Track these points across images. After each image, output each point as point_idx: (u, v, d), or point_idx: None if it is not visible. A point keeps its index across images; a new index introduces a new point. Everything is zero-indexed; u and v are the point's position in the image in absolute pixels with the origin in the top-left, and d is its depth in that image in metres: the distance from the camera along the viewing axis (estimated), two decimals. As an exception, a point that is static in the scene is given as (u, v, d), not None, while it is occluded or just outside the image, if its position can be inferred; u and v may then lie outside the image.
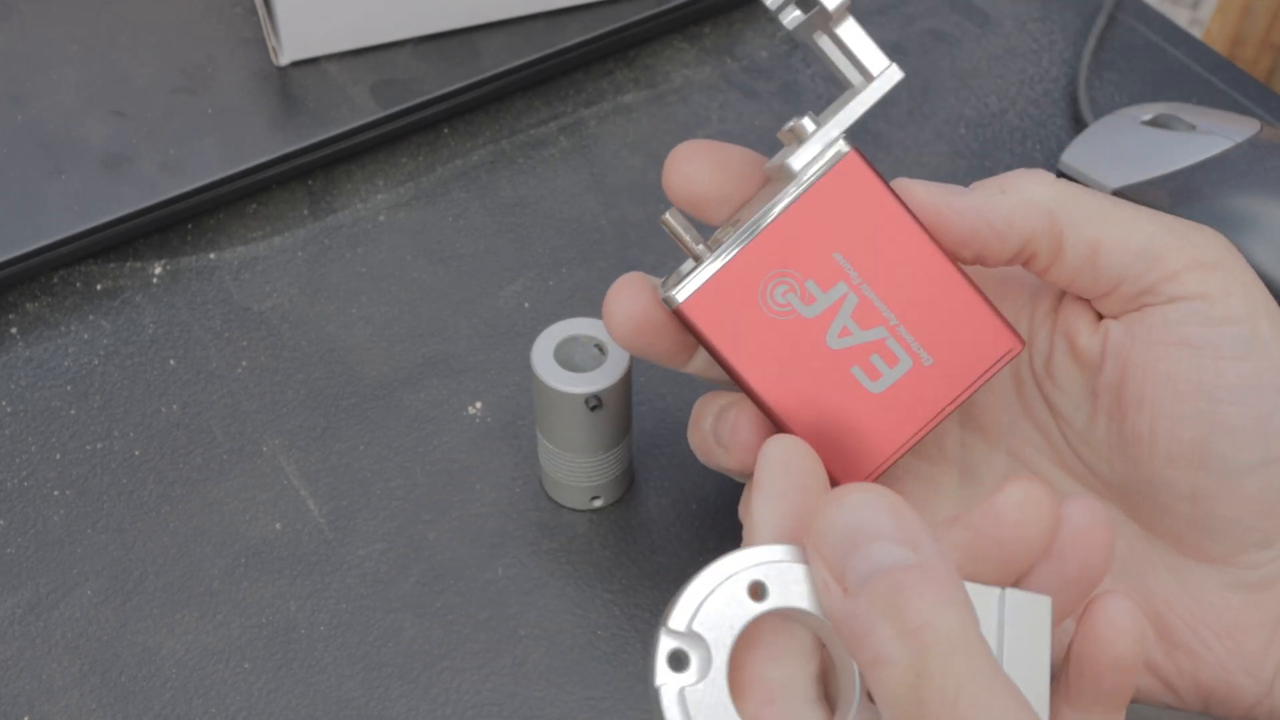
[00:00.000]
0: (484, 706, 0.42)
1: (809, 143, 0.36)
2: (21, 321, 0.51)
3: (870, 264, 0.36)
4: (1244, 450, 0.35)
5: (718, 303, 0.36)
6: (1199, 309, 0.36)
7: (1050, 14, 0.61)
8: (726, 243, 0.36)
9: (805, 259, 0.36)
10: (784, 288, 0.36)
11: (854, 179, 0.36)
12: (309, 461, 0.48)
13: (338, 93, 0.56)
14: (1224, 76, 0.58)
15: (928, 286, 0.37)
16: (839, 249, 0.36)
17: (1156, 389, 0.36)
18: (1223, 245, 0.37)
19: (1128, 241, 0.36)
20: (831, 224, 0.36)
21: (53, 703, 0.43)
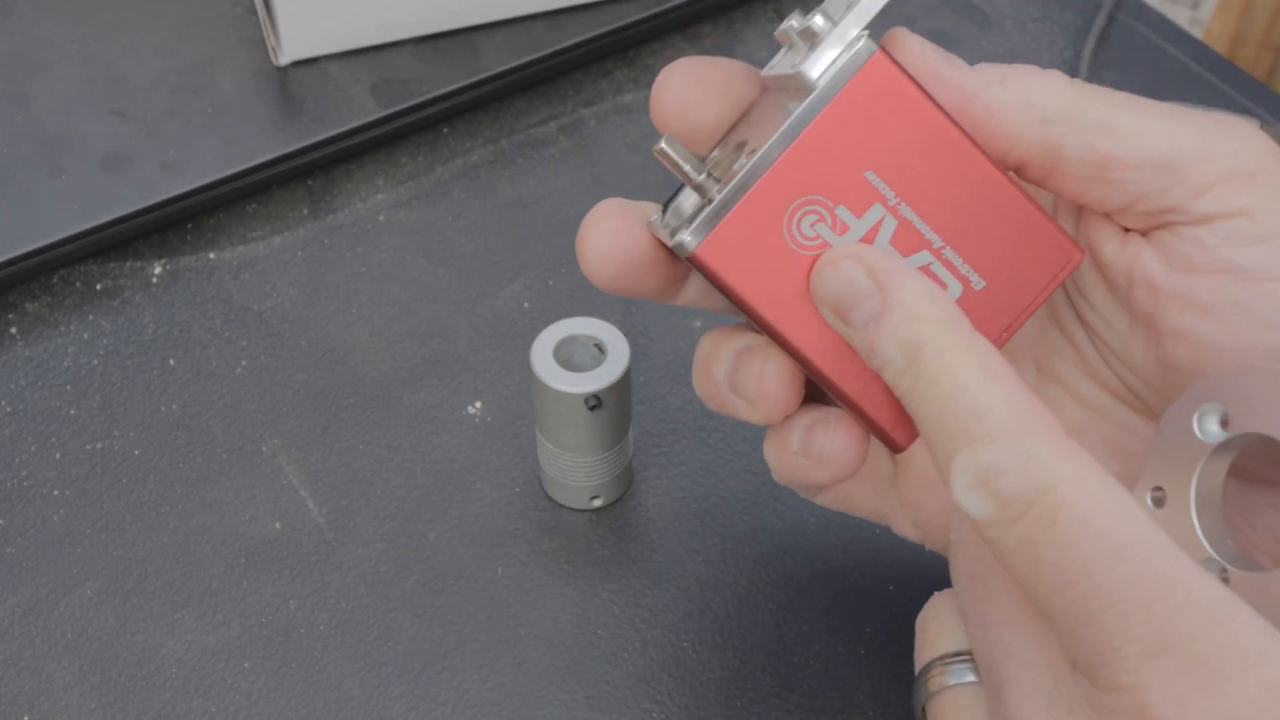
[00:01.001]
0: (484, 706, 0.42)
1: (824, 44, 0.32)
2: (21, 321, 0.51)
3: (908, 180, 0.32)
4: None
5: (739, 243, 0.32)
6: (1240, 227, 0.32)
7: (1050, 14, 0.61)
8: (740, 171, 0.32)
9: (834, 182, 0.32)
10: (813, 217, 0.32)
11: (883, 83, 0.32)
12: (309, 461, 0.48)
13: (338, 93, 0.56)
14: (1224, 76, 0.58)
15: (973, 199, 0.33)
16: (871, 166, 0.32)
17: (1197, 320, 0.33)
18: (1261, 145, 0.33)
19: (1143, 152, 0.33)
20: (861, 138, 0.32)
21: (53, 702, 0.43)
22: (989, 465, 0.28)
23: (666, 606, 0.44)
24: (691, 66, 0.34)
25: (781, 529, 0.46)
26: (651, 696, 0.42)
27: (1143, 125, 0.33)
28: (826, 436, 0.35)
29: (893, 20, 0.60)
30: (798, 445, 0.36)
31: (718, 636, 0.44)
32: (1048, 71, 0.34)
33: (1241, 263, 0.32)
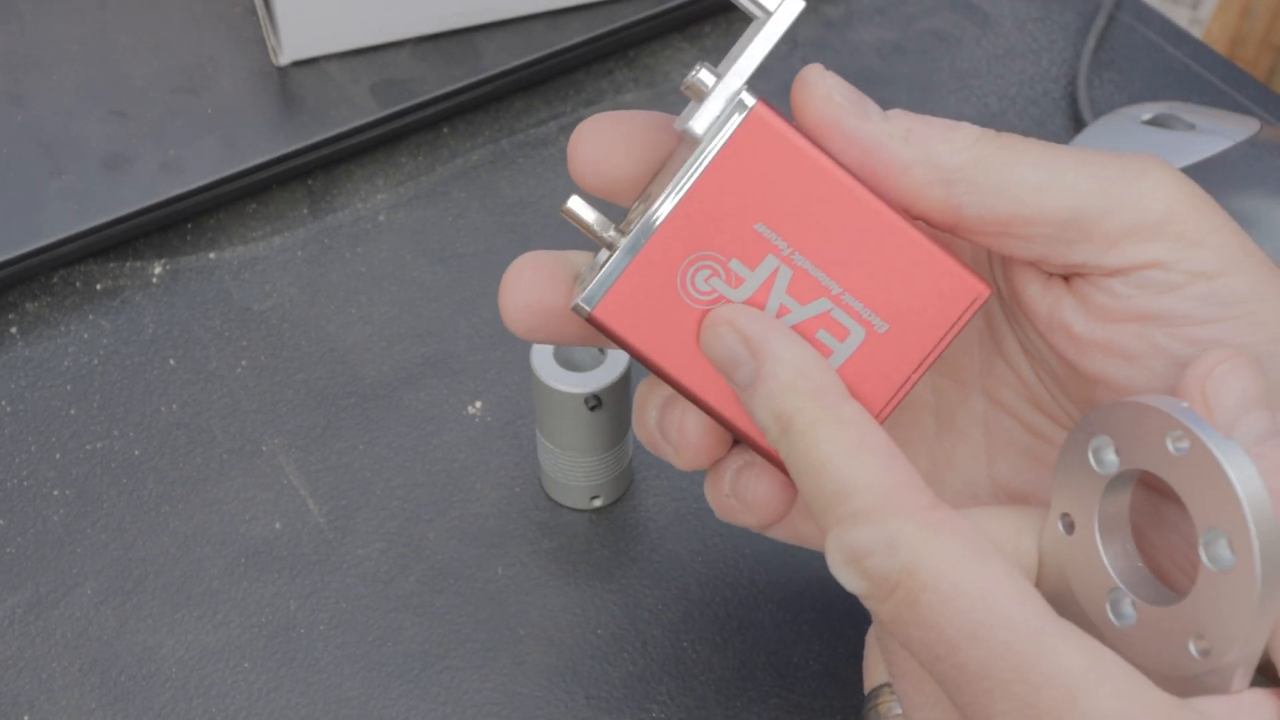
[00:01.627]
0: (484, 706, 0.42)
1: (709, 99, 0.31)
2: (21, 321, 0.51)
3: (799, 230, 0.32)
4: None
5: (634, 302, 0.32)
6: (1154, 277, 0.32)
7: (1050, 14, 0.61)
8: (631, 231, 0.32)
9: (724, 236, 0.32)
10: (706, 272, 0.32)
11: (764, 135, 0.32)
12: (309, 461, 0.48)
13: (338, 93, 0.56)
14: (1224, 76, 0.58)
15: (870, 243, 0.32)
16: (761, 219, 0.32)
17: (1119, 367, 0.33)
18: (1169, 189, 0.32)
19: (1046, 212, 0.32)
20: (748, 191, 0.32)
21: (53, 702, 0.43)
22: (855, 545, 0.29)
23: (666, 606, 0.44)
24: (602, 123, 0.34)
25: (781, 529, 0.46)
26: (651, 696, 0.42)
27: (1046, 182, 0.32)
28: (752, 481, 0.36)
29: (892, 20, 0.61)
30: (729, 488, 0.36)
31: (718, 636, 0.44)
32: (957, 125, 0.33)
33: (1159, 310, 0.32)
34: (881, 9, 0.61)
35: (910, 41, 0.60)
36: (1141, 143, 0.52)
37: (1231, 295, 0.32)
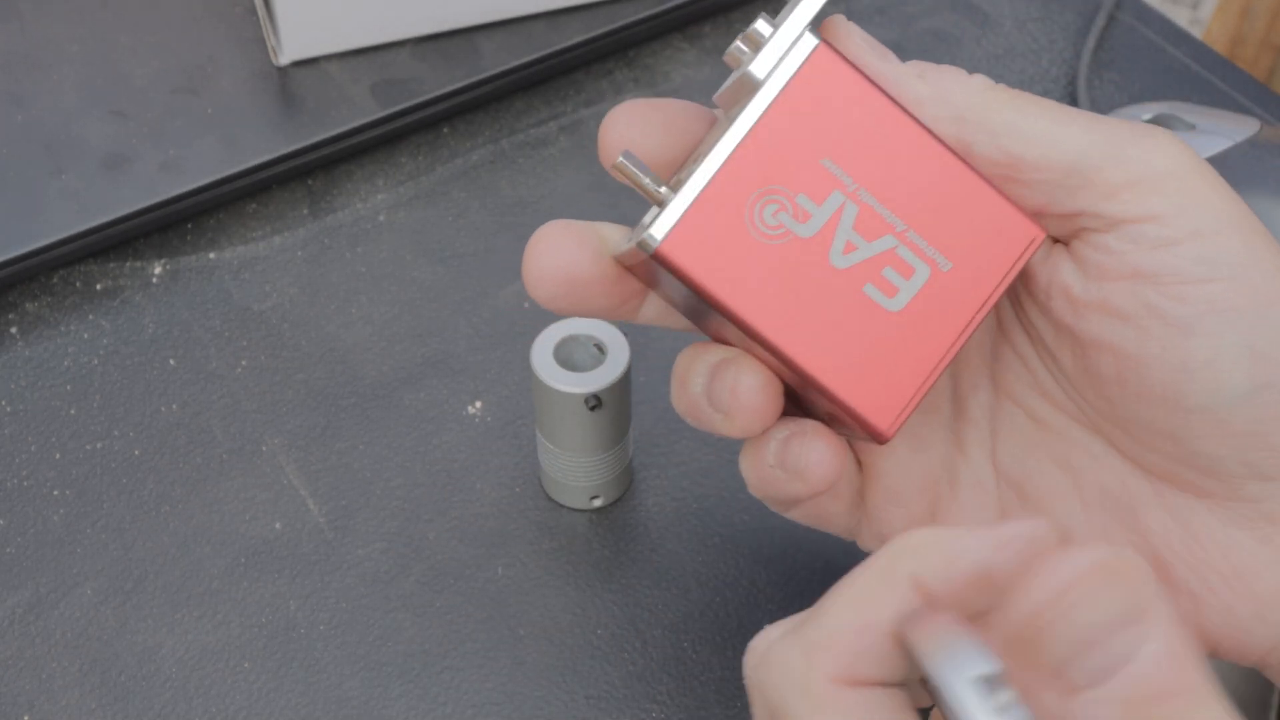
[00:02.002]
0: (484, 706, 0.42)
1: (768, 45, 0.32)
2: (21, 321, 0.51)
3: (865, 166, 0.32)
4: (1223, 384, 0.32)
5: (702, 237, 0.32)
6: (1148, 232, 0.32)
7: (1050, 14, 0.61)
8: (696, 169, 0.32)
9: (792, 171, 0.32)
10: (774, 207, 0.32)
11: (829, 74, 0.32)
12: (309, 461, 0.48)
13: (338, 93, 0.56)
14: (1224, 76, 0.58)
15: (931, 182, 0.33)
16: (827, 154, 0.32)
17: (1115, 328, 0.33)
18: (1174, 150, 0.32)
19: (1052, 156, 0.33)
20: (813, 128, 0.32)
21: (53, 702, 0.43)
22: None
23: (666, 606, 0.44)
24: (634, 110, 0.34)
25: (781, 529, 0.46)
26: (651, 696, 0.42)
27: (1054, 130, 0.33)
28: (803, 448, 0.35)
29: (892, 20, 0.61)
30: (774, 458, 0.35)
31: (718, 636, 0.44)
32: (972, 75, 0.34)
33: (1152, 267, 0.32)
34: (881, 9, 0.61)
35: (910, 41, 0.60)
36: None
37: (1225, 256, 0.32)
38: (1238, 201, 0.33)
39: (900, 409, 0.33)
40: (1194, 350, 0.32)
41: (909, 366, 0.33)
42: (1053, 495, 0.36)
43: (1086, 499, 0.36)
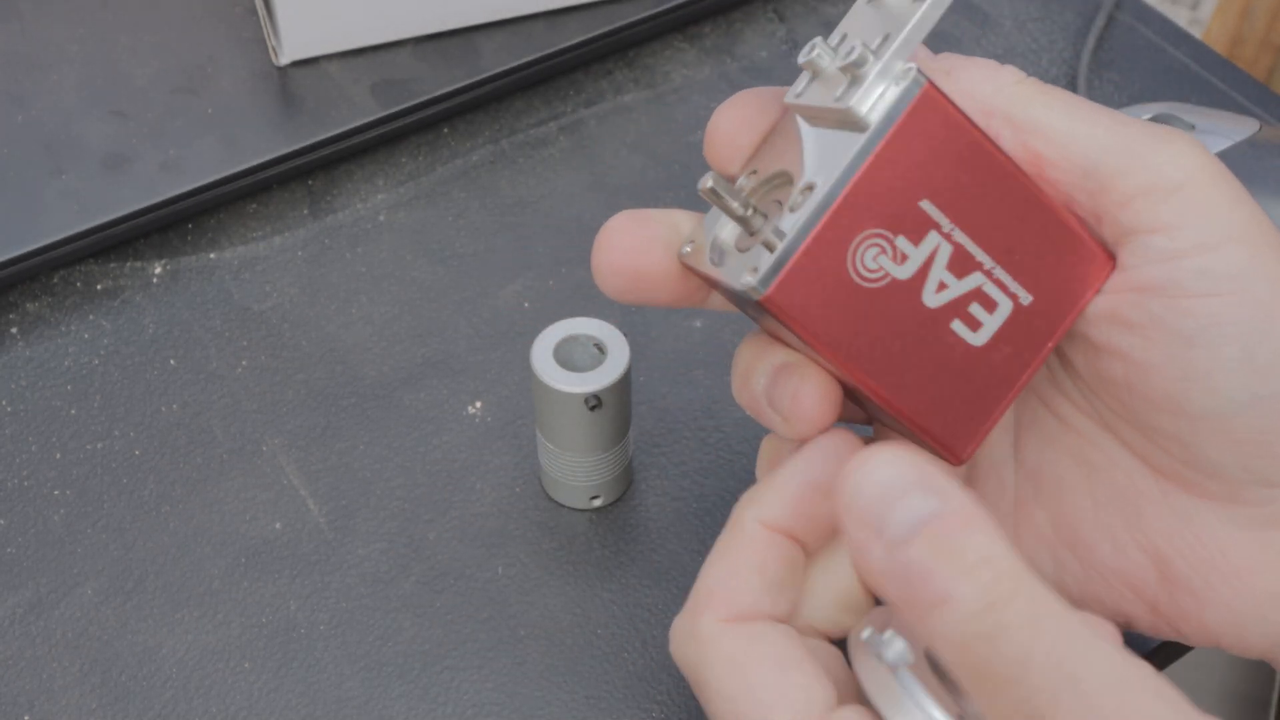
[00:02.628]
0: (484, 706, 0.42)
1: (871, 78, 0.32)
2: (22, 321, 0.51)
3: (960, 205, 0.32)
4: (1224, 393, 0.33)
5: (807, 282, 0.32)
6: (1156, 244, 0.33)
7: (1050, 14, 0.61)
8: (803, 210, 0.32)
9: (894, 214, 0.32)
10: (875, 250, 0.32)
11: (934, 115, 0.32)
12: (309, 461, 0.48)
13: (338, 93, 0.56)
14: (1224, 76, 0.58)
15: (1018, 219, 0.33)
16: (927, 195, 0.32)
17: (1123, 336, 0.33)
18: (1192, 159, 0.33)
19: (1072, 156, 0.33)
20: (916, 169, 0.32)
21: (53, 702, 0.43)
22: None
23: (666, 606, 0.44)
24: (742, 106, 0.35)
25: (781, 529, 0.46)
26: (651, 696, 0.42)
27: (1077, 129, 0.33)
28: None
29: (893, 20, 0.61)
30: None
31: (718, 636, 0.44)
32: (1002, 66, 0.34)
33: (1156, 280, 0.33)
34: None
35: (910, 41, 0.60)
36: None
37: (1227, 269, 0.32)
38: (1252, 210, 0.33)
39: (977, 435, 0.34)
40: (1195, 361, 0.33)
41: (987, 395, 0.34)
42: (1067, 489, 0.37)
43: (1097, 496, 0.37)
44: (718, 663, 0.33)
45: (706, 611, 0.33)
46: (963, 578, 0.28)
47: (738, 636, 0.33)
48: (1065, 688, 0.28)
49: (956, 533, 0.29)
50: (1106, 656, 0.28)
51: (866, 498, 0.30)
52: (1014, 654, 0.28)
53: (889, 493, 0.29)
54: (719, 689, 0.32)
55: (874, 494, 0.30)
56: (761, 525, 0.34)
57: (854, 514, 0.30)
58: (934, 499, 0.29)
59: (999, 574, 0.28)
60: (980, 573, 0.28)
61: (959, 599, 0.28)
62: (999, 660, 0.28)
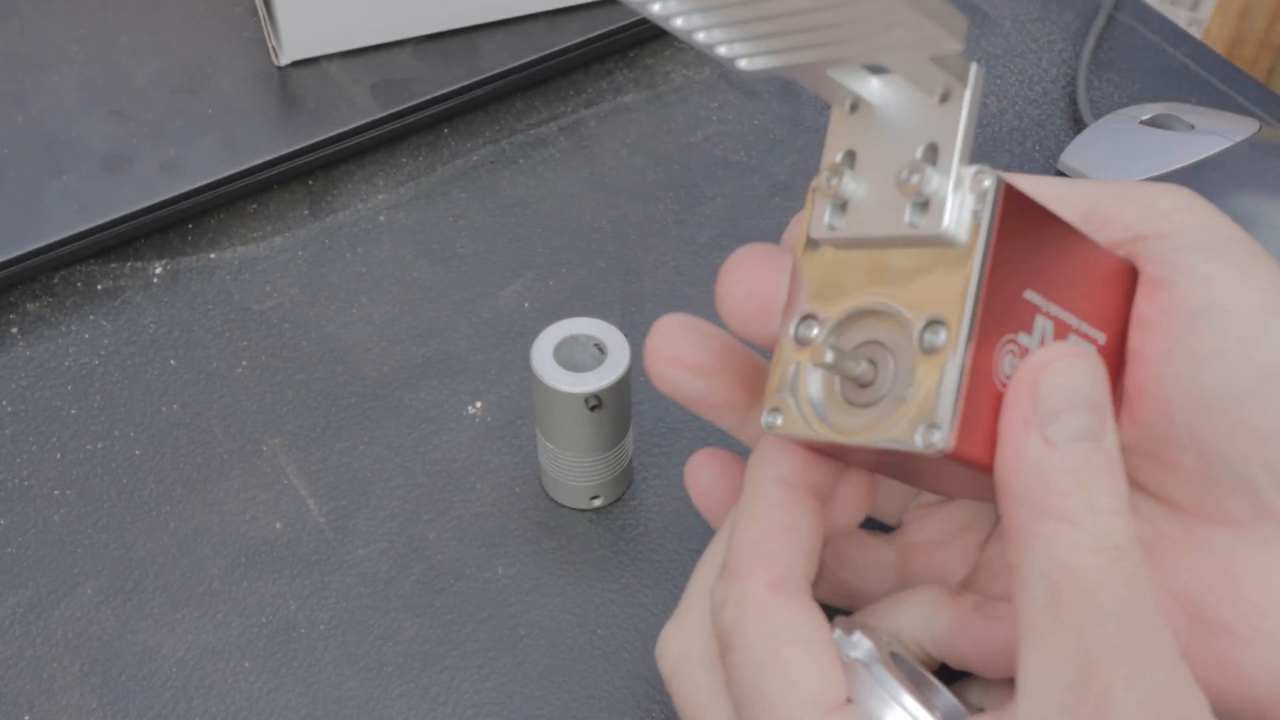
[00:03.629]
0: (484, 706, 0.42)
1: (948, 194, 0.31)
2: (22, 321, 0.51)
3: (1049, 282, 0.33)
4: (1234, 374, 0.33)
5: (979, 419, 0.31)
6: (1158, 248, 0.34)
7: (1050, 14, 0.61)
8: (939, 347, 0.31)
9: (1013, 317, 0.32)
10: (1010, 357, 0.32)
11: (1016, 209, 0.32)
12: (309, 461, 0.48)
13: (338, 93, 0.56)
14: (1223, 76, 0.58)
15: (1083, 272, 0.33)
16: (1029, 286, 0.32)
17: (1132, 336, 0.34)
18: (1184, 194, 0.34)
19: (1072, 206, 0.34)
20: (1017, 266, 0.32)
21: (53, 702, 0.43)
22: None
23: (666, 606, 0.44)
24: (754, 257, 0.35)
25: (781, 529, 0.46)
26: (651, 696, 0.43)
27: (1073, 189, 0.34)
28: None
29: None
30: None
31: (718, 636, 0.44)
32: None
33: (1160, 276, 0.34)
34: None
35: (910, 42, 0.60)
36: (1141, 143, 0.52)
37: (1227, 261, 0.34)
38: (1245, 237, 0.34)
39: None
40: (1202, 342, 0.33)
41: None
42: None
43: None
44: (758, 628, 0.33)
45: (754, 575, 0.33)
46: (1095, 515, 0.29)
47: (781, 609, 0.33)
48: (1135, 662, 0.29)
49: (1106, 474, 0.30)
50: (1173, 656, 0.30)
51: (1052, 388, 0.30)
52: (1111, 605, 0.29)
53: (1070, 396, 0.30)
54: (750, 657, 0.33)
55: (1057, 388, 0.30)
56: (781, 485, 0.34)
57: (1033, 396, 0.31)
58: (1098, 426, 0.30)
59: (1125, 531, 0.30)
60: (1112, 520, 0.29)
61: (1085, 529, 0.29)
62: (1091, 603, 0.29)
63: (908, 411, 0.31)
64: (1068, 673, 0.29)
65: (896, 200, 0.32)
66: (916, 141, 0.31)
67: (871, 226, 0.32)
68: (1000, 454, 0.31)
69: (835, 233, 0.33)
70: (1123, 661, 0.29)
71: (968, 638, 0.36)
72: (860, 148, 0.33)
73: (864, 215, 0.32)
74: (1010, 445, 0.31)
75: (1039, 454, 0.30)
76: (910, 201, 0.31)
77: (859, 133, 0.33)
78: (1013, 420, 0.31)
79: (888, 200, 0.32)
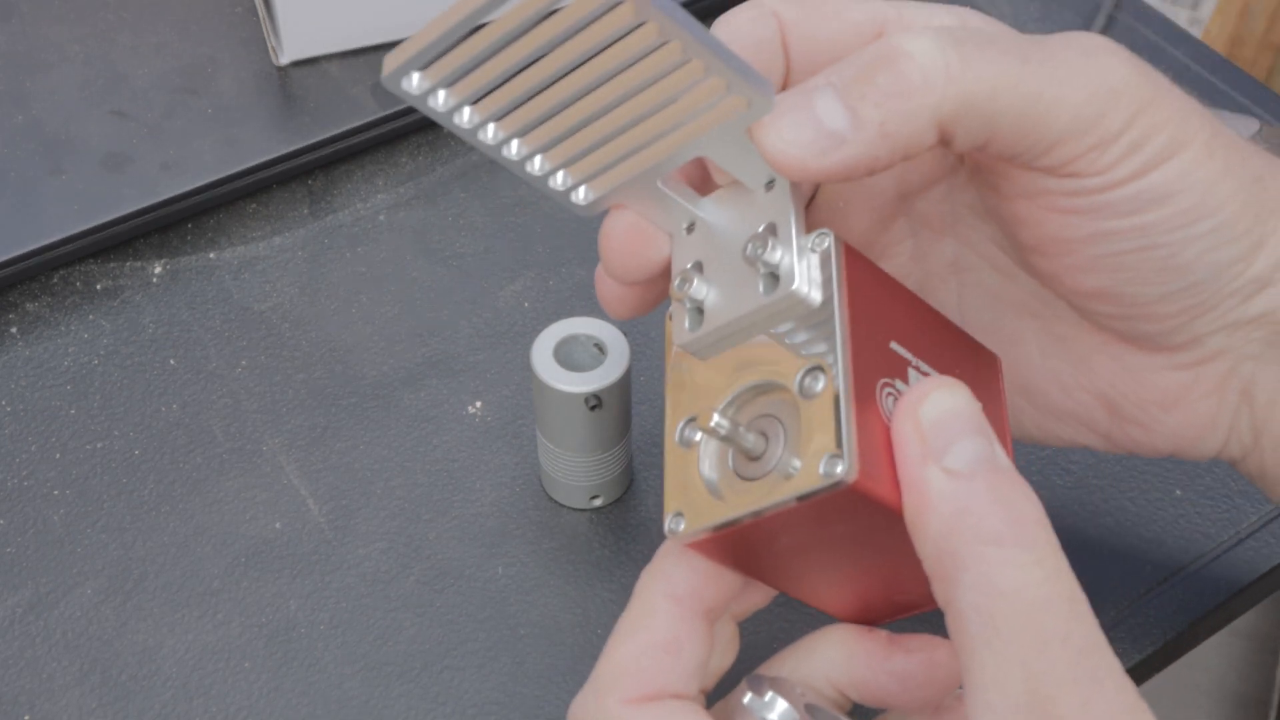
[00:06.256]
0: (484, 706, 0.42)
1: (795, 259, 0.32)
2: (22, 321, 0.51)
3: (917, 345, 0.34)
4: (1154, 285, 0.35)
5: (874, 453, 0.31)
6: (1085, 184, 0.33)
7: (1050, 14, 0.61)
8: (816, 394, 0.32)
9: (884, 364, 0.33)
10: (891, 399, 0.32)
11: (859, 266, 0.33)
12: (309, 461, 0.48)
13: (338, 93, 0.56)
14: (1224, 76, 0.58)
15: (934, 335, 0.35)
16: (892, 338, 0.33)
17: (1050, 244, 0.35)
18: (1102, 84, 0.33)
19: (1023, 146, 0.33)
20: (875, 317, 0.33)
21: (53, 702, 0.43)
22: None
23: (666, 606, 0.44)
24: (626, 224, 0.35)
25: (781, 529, 0.46)
26: (651, 696, 0.42)
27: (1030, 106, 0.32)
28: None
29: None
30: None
31: (718, 636, 0.44)
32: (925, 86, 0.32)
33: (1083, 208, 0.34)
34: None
35: (910, 41, 0.60)
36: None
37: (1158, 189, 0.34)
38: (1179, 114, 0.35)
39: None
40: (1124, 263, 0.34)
41: None
42: (1014, 340, 0.39)
43: (1043, 346, 0.39)
44: None
45: (613, 693, 0.33)
46: (1020, 530, 0.29)
47: (650, 716, 0.33)
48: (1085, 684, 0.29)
49: (1017, 491, 0.30)
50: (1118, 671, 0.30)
51: (935, 420, 0.31)
52: (1056, 628, 0.29)
53: (954, 423, 0.31)
54: None
55: (940, 419, 0.31)
56: (670, 600, 0.34)
57: (919, 430, 0.31)
58: (988, 447, 0.31)
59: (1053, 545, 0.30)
60: (1038, 532, 0.30)
61: (1016, 548, 0.29)
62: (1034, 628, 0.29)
63: (806, 460, 0.31)
64: (1019, 704, 0.29)
65: (748, 279, 0.33)
66: (755, 227, 0.33)
67: (730, 312, 0.33)
68: (907, 492, 0.31)
69: (698, 333, 0.34)
70: (1075, 684, 0.29)
71: (887, 672, 0.36)
72: (704, 256, 0.34)
73: (721, 307, 0.33)
74: (913, 481, 0.31)
75: (944, 484, 0.30)
76: (760, 276, 0.32)
77: (700, 245, 0.34)
78: (908, 456, 0.31)
79: (740, 284, 0.33)
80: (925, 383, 0.31)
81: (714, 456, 0.34)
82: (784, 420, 0.33)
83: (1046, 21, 0.61)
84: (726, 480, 0.34)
